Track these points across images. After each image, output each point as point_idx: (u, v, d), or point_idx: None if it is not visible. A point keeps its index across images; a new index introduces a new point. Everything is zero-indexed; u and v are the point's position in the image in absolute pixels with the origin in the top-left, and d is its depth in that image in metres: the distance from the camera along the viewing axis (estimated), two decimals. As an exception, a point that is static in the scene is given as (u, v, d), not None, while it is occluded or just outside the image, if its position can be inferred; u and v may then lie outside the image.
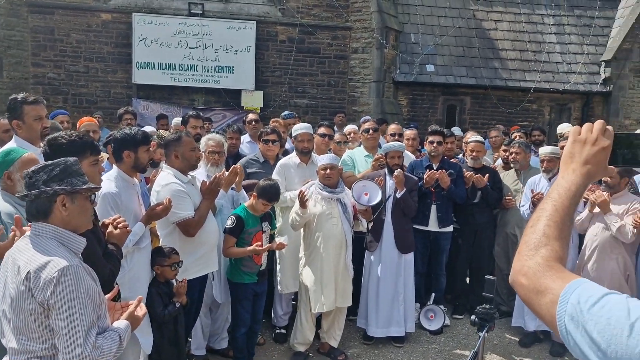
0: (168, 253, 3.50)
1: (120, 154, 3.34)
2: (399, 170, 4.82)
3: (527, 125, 11.85)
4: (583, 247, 4.59)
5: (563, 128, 7.48)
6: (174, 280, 3.56)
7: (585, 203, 4.73)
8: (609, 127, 1.28)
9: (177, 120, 7.51)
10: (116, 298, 2.43)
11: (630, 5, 12.71)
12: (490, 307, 2.09)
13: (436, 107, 12.25)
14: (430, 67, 11.96)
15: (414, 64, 11.89)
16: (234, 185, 4.40)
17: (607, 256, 4.37)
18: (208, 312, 4.51)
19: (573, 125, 8.10)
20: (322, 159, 4.42)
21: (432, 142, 5.37)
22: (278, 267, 4.87)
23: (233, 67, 11.31)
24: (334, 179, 4.41)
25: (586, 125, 1.28)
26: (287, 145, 6.08)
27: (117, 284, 2.64)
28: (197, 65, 11.22)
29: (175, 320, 3.50)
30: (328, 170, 4.36)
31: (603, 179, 4.47)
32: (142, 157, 3.38)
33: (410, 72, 11.89)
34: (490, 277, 2.12)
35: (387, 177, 4.90)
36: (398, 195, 4.78)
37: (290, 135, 5.51)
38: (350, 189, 4.71)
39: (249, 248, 4.00)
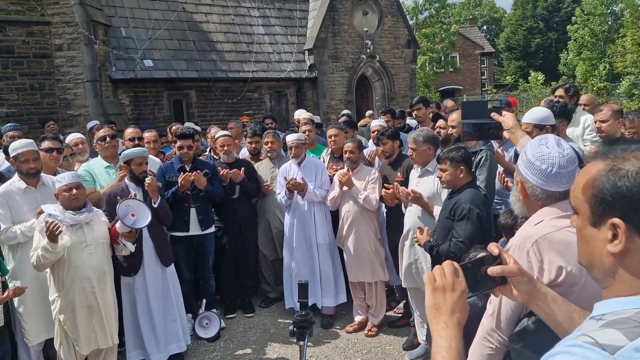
0: None
1: None
2: (150, 177, 4.38)
3: (252, 113, 12.41)
4: (340, 224, 4.95)
5: (299, 114, 7.91)
6: None
7: (331, 181, 5.12)
8: (454, 264, 1.29)
9: None
10: None
11: (319, -2, 14.32)
12: (306, 313, 2.00)
13: (162, 103, 11.75)
14: (148, 62, 11.37)
15: (131, 59, 11.13)
16: None
17: (361, 226, 4.79)
18: None
19: (306, 111, 8.66)
20: (63, 178, 3.68)
21: (181, 147, 5.01)
22: (19, 315, 3.96)
23: None
24: (82, 199, 3.73)
25: (437, 270, 1.26)
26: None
27: None
28: None
29: None
30: (74, 191, 3.67)
31: (345, 155, 4.88)
32: None
33: (128, 69, 11.09)
34: (303, 281, 2.02)
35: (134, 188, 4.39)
36: (155, 205, 4.35)
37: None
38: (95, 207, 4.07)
39: None
